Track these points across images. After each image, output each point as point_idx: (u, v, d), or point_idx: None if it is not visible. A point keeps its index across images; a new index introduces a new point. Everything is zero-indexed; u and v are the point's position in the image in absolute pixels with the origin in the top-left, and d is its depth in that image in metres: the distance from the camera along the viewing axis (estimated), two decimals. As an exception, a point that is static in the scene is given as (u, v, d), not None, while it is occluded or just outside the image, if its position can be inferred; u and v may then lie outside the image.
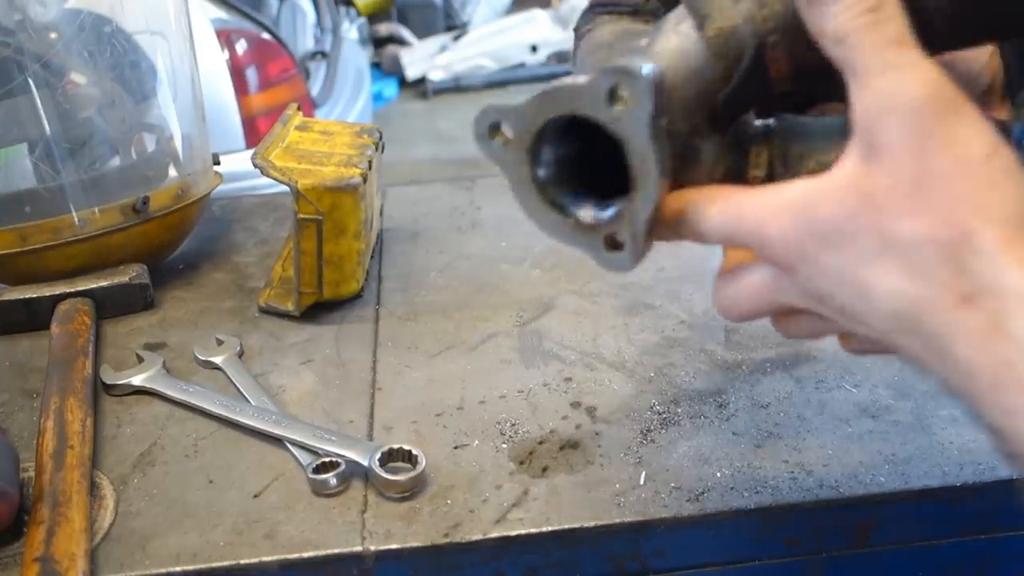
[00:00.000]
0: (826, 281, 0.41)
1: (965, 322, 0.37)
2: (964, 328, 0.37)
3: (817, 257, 0.41)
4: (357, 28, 4.41)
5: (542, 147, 0.47)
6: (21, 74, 0.90)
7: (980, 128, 0.37)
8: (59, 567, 0.55)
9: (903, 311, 0.39)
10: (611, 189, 0.47)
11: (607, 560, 0.62)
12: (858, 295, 0.40)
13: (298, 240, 0.85)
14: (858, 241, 0.39)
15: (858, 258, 0.39)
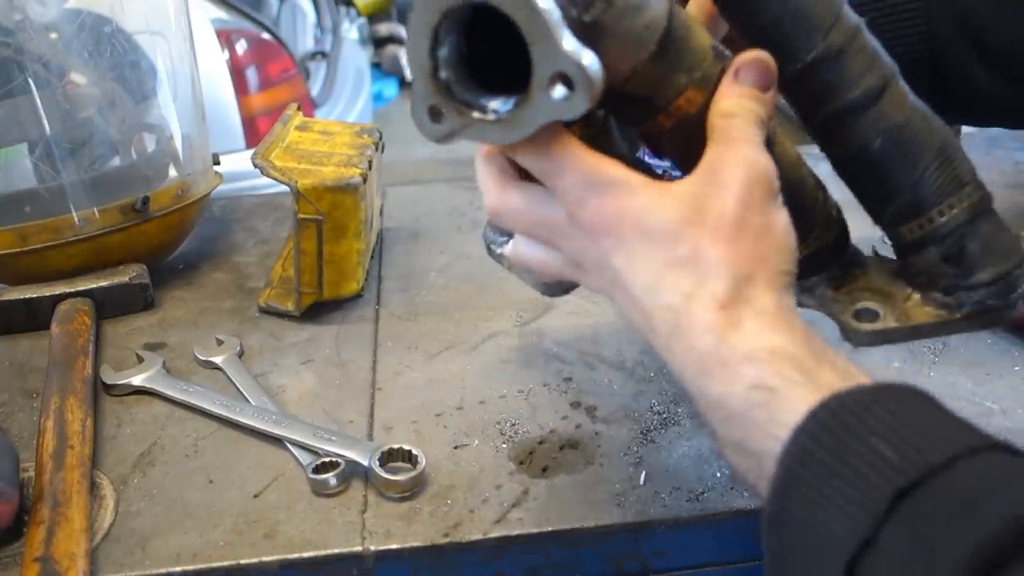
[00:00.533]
0: (618, 255, 0.47)
1: (713, 321, 0.44)
2: (708, 324, 0.44)
3: (625, 233, 0.47)
4: (357, 28, 4.41)
5: (441, 44, 0.47)
6: (21, 74, 0.90)
7: (786, 218, 0.49)
8: (59, 567, 0.55)
9: (674, 305, 0.46)
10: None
11: (607, 560, 0.62)
12: (645, 277, 0.47)
13: (298, 240, 0.85)
14: (672, 239, 0.46)
15: (664, 252, 0.46)
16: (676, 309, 0.45)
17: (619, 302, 0.50)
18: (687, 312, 0.45)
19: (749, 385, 0.42)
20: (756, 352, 0.43)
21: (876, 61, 0.55)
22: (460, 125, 0.48)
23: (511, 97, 0.47)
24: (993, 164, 1.24)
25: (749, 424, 0.42)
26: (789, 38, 0.54)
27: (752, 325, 0.44)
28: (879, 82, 0.54)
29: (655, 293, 0.46)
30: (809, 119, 0.57)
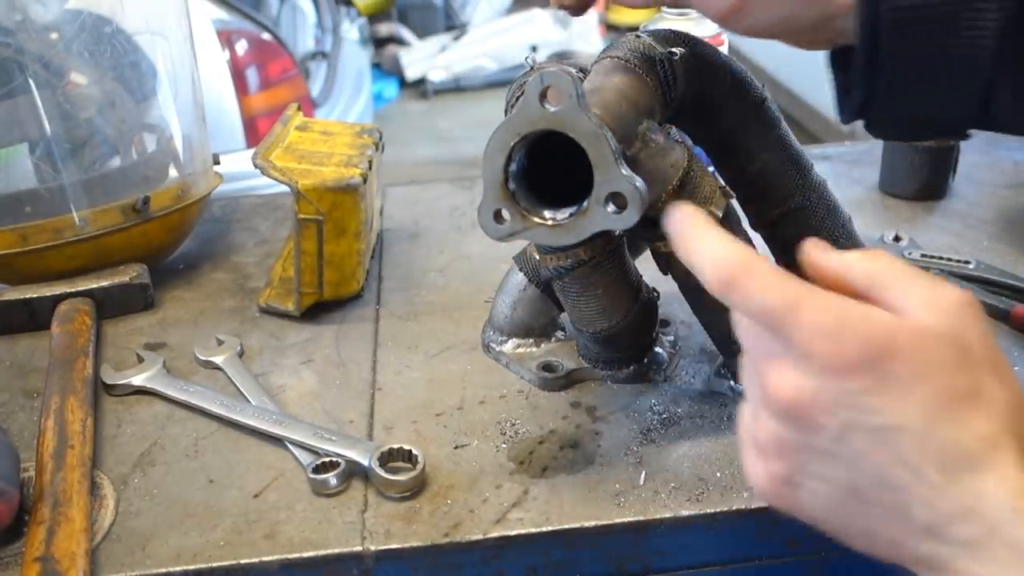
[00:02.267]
0: (880, 396, 0.39)
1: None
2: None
3: (888, 369, 0.39)
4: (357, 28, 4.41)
5: (512, 160, 0.57)
6: (21, 74, 0.90)
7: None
8: (59, 567, 0.55)
9: (986, 445, 0.39)
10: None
11: (607, 560, 0.62)
12: (918, 416, 0.39)
13: (298, 240, 0.85)
14: (951, 373, 0.39)
15: (942, 387, 0.39)
16: (975, 450, 0.39)
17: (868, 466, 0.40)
18: (991, 451, 0.38)
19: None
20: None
21: (835, 209, 0.70)
22: (521, 227, 0.59)
23: (565, 208, 0.58)
24: (993, 164, 1.24)
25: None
26: (771, 190, 0.66)
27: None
28: (839, 228, 0.68)
29: (940, 435, 0.39)
30: (781, 255, 0.68)
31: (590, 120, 0.54)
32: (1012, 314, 0.83)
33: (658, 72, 0.63)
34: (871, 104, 0.58)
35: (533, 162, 0.59)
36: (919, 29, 0.53)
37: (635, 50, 0.64)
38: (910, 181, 1.14)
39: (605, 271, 0.67)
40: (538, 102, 0.55)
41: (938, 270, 0.91)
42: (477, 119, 5.09)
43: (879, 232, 0.98)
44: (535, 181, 0.60)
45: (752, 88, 0.66)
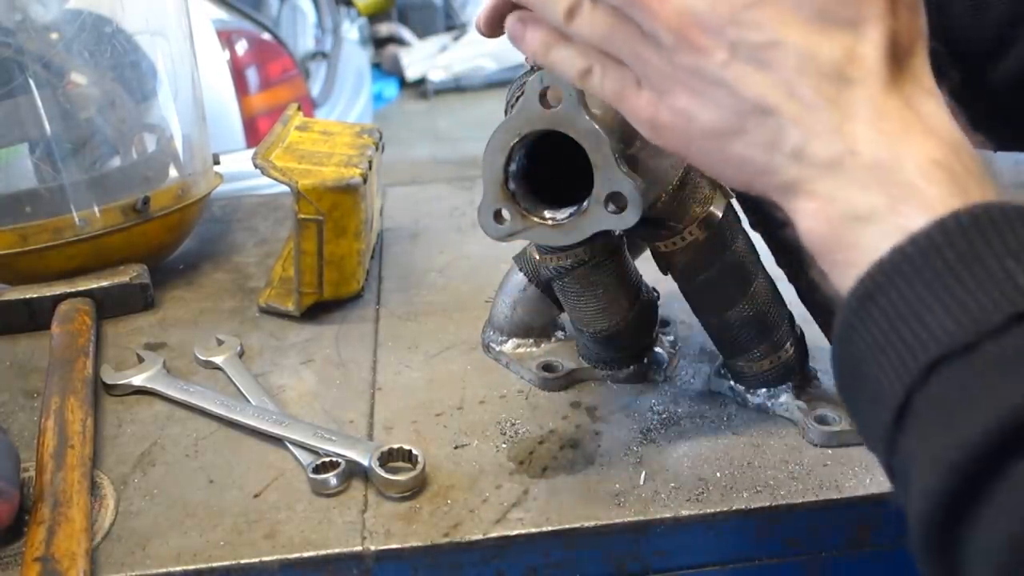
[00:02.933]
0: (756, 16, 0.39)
1: (887, 82, 0.39)
2: (883, 84, 0.39)
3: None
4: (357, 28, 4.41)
5: (512, 160, 0.58)
6: (22, 74, 0.90)
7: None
8: (60, 567, 0.55)
9: (837, 61, 0.39)
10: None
11: (607, 560, 0.62)
12: (795, 37, 0.39)
13: (298, 240, 0.85)
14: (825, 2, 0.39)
15: (811, 14, 0.39)
16: (842, 62, 0.39)
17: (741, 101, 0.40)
18: (864, 71, 0.39)
19: (932, 159, 0.37)
20: (942, 132, 0.38)
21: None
22: (522, 227, 0.59)
23: (566, 208, 0.58)
24: (993, 164, 1.24)
25: (908, 195, 0.37)
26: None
27: (934, 104, 0.39)
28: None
29: (814, 50, 0.39)
30: (781, 255, 0.70)
31: (590, 120, 0.54)
32: (1012, 314, 0.83)
33: None
34: None
35: (533, 162, 0.59)
36: None
37: None
38: (910, 181, 1.14)
39: (605, 271, 0.67)
40: (538, 102, 0.55)
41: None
42: (477, 119, 5.09)
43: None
44: (535, 181, 0.60)
45: None
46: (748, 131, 0.41)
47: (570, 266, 0.66)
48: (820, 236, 0.39)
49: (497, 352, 0.80)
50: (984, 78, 0.54)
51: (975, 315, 0.33)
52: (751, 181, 0.42)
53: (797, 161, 0.40)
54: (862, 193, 0.38)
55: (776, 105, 0.39)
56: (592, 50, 0.45)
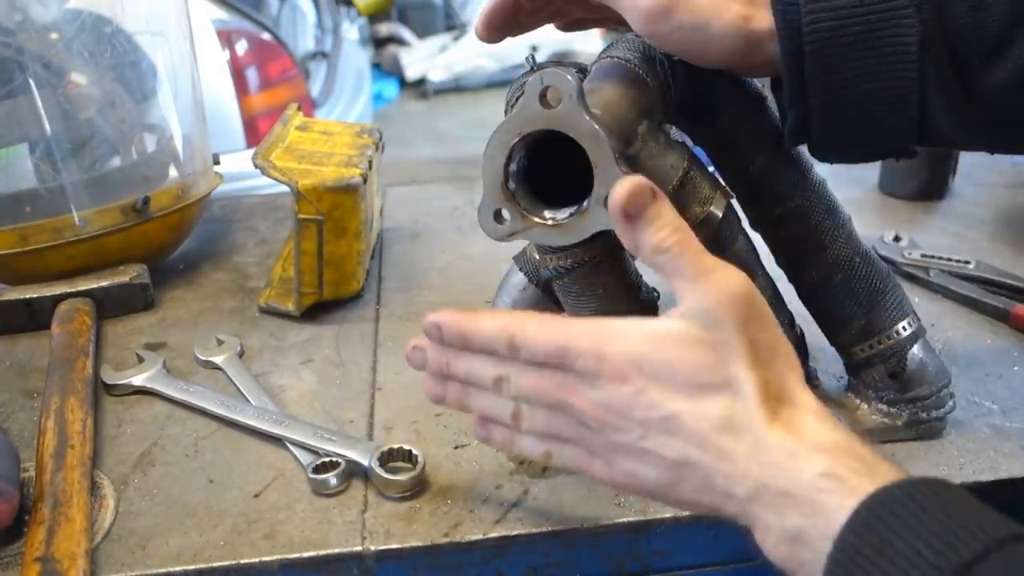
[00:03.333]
0: (641, 399, 0.47)
1: (770, 418, 0.46)
2: (766, 422, 0.46)
3: (652, 377, 0.47)
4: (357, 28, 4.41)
5: (512, 160, 0.58)
6: (22, 74, 0.90)
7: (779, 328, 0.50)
8: (60, 567, 0.55)
9: (723, 414, 0.46)
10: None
11: (607, 560, 0.62)
12: (682, 404, 0.46)
13: (298, 240, 0.85)
14: (697, 376, 0.46)
15: (690, 387, 0.46)
16: (727, 416, 0.46)
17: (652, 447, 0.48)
18: (741, 415, 0.46)
19: (819, 473, 0.43)
20: (824, 443, 0.44)
21: (835, 209, 0.68)
22: (521, 227, 0.59)
23: (565, 208, 0.58)
24: (993, 164, 1.24)
25: (816, 511, 0.43)
26: (770, 189, 0.66)
27: (811, 420, 0.46)
28: (839, 228, 0.67)
29: (697, 414, 0.46)
30: (781, 255, 0.70)
31: (590, 120, 0.54)
32: (1012, 314, 0.83)
33: (658, 72, 0.63)
34: (807, 128, 0.59)
35: (533, 162, 0.59)
36: (842, 50, 0.55)
37: (635, 50, 0.64)
38: (910, 181, 1.14)
39: (605, 271, 0.67)
40: (538, 102, 0.55)
41: (938, 270, 0.91)
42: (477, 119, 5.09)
43: (879, 232, 0.98)
44: (535, 181, 0.60)
45: (751, 87, 0.66)
46: (685, 480, 0.47)
47: (570, 266, 0.66)
48: (778, 559, 0.46)
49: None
50: (982, 80, 0.54)
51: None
52: (709, 513, 0.48)
53: (729, 499, 0.46)
54: (784, 518, 0.44)
55: (696, 459, 0.46)
56: (544, 436, 0.52)
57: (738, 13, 0.56)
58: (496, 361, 0.52)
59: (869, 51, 0.54)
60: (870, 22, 0.54)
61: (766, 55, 0.57)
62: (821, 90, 0.56)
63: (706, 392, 0.46)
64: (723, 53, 0.57)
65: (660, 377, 0.47)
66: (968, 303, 0.87)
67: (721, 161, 0.68)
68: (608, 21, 0.66)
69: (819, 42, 0.54)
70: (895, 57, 0.54)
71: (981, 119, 0.57)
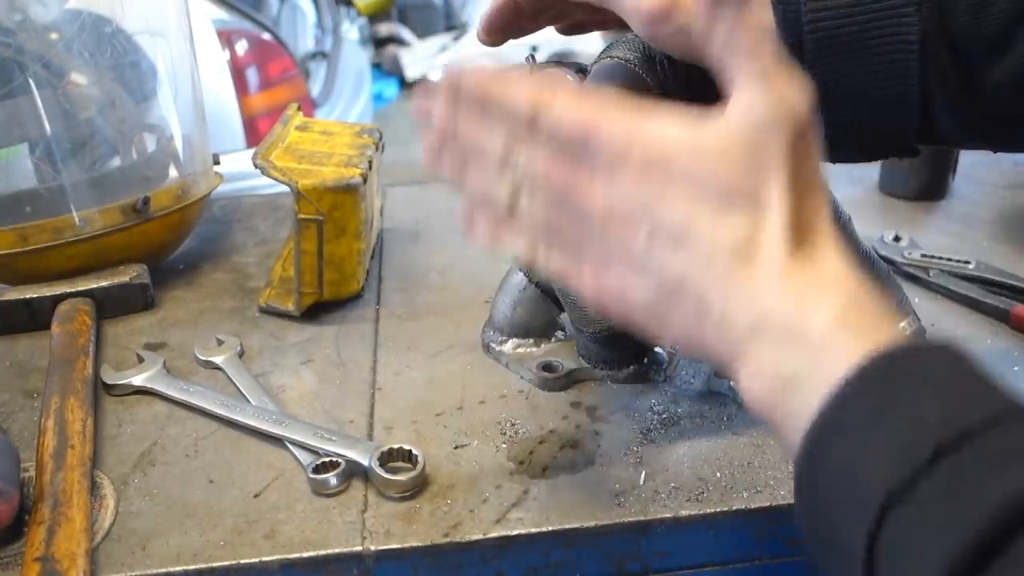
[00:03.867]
0: (665, 203, 0.43)
1: (791, 246, 0.42)
2: (787, 247, 0.42)
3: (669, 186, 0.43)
4: (357, 28, 4.41)
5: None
6: (22, 74, 0.90)
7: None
8: (60, 567, 0.55)
9: (740, 236, 0.42)
10: None
11: (607, 560, 0.62)
12: (701, 218, 0.43)
13: (298, 240, 0.85)
14: (726, 186, 0.43)
15: (715, 198, 0.43)
16: (747, 237, 0.42)
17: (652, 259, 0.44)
18: (762, 238, 0.42)
19: (833, 316, 0.40)
20: (842, 287, 0.42)
21: (835, 209, 0.66)
22: None
23: None
24: (993, 164, 1.24)
25: (819, 357, 0.40)
26: None
27: (834, 259, 0.43)
28: (840, 227, 0.65)
29: (716, 229, 0.42)
30: None
31: None
32: (1012, 314, 0.83)
33: (658, 72, 0.63)
34: None
35: None
36: (842, 49, 0.55)
37: (635, 50, 0.64)
38: (910, 181, 1.14)
39: None
40: None
41: (938, 270, 0.91)
42: (477, 119, 5.07)
43: (879, 232, 0.98)
44: None
45: None
46: (678, 303, 0.44)
47: None
48: (758, 399, 0.42)
49: (497, 352, 0.80)
50: (983, 79, 0.54)
51: (905, 456, 0.35)
52: (694, 348, 0.45)
53: (724, 329, 0.43)
54: (784, 356, 0.41)
55: (696, 280, 0.43)
56: (536, 231, 0.48)
57: None
58: (511, 133, 0.47)
59: (870, 50, 0.54)
60: (870, 21, 0.54)
61: None
62: (821, 90, 0.56)
63: (731, 207, 0.42)
64: None
65: (687, 181, 0.43)
66: (968, 303, 0.87)
67: None
68: (609, 23, 0.66)
69: (819, 41, 0.54)
70: (896, 56, 0.54)
71: (983, 118, 0.57)
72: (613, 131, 0.44)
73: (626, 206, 0.44)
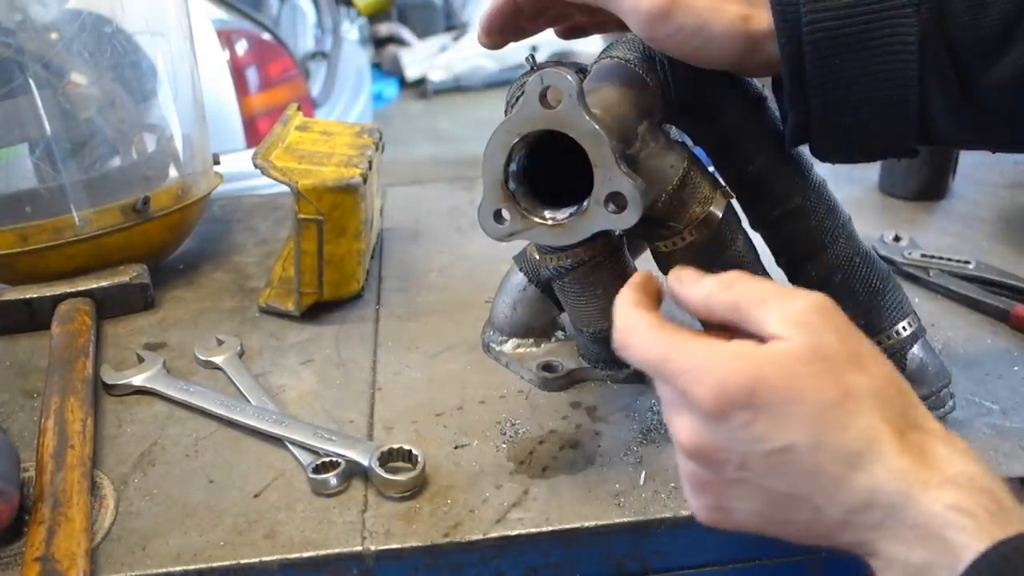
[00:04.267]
0: (761, 426, 0.43)
1: (900, 447, 0.42)
2: (898, 450, 0.42)
3: (764, 404, 0.43)
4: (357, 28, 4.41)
5: (512, 160, 0.58)
6: (22, 74, 0.90)
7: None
8: (60, 567, 0.55)
9: (850, 443, 0.42)
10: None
11: (607, 560, 0.62)
12: (805, 434, 0.43)
13: (298, 240, 0.85)
14: (815, 389, 0.43)
15: (814, 404, 0.43)
16: (859, 448, 0.42)
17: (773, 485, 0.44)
18: (872, 445, 0.42)
19: (950, 506, 0.40)
20: (957, 477, 0.41)
21: (835, 209, 0.67)
22: (522, 227, 0.59)
23: (565, 208, 0.58)
24: (993, 164, 1.24)
25: (945, 548, 0.40)
26: (770, 190, 0.66)
27: (943, 448, 0.43)
28: (839, 228, 0.67)
29: (824, 443, 0.42)
30: (781, 255, 0.69)
31: (590, 120, 0.54)
32: (1012, 314, 0.83)
33: (658, 72, 0.63)
34: (807, 128, 0.58)
35: (533, 162, 0.59)
36: (841, 50, 0.55)
37: (635, 50, 0.64)
38: (910, 181, 1.14)
39: (605, 271, 0.67)
40: (538, 102, 0.55)
41: (938, 270, 0.91)
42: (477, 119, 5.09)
43: (879, 232, 0.98)
44: (535, 181, 0.60)
45: (751, 88, 0.66)
46: (790, 513, 0.44)
47: (570, 266, 0.66)
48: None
49: (497, 352, 0.80)
50: (982, 80, 0.54)
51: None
52: (822, 544, 0.45)
53: (846, 529, 0.43)
54: (911, 552, 0.41)
55: (806, 493, 0.43)
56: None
57: (737, 14, 0.56)
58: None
59: (869, 51, 0.54)
60: (869, 22, 0.54)
61: (766, 55, 0.57)
62: (820, 90, 0.56)
63: (825, 416, 0.42)
64: (723, 54, 0.57)
65: (774, 404, 0.43)
66: (968, 303, 0.87)
67: (721, 161, 0.68)
68: (608, 25, 0.66)
69: (818, 42, 0.54)
70: (895, 57, 0.54)
71: (981, 119, 0.56)
72: (683, 361, 0.45)
73: (708, 439, 0.45)
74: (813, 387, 0.42)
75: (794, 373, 0.43)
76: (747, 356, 0.43)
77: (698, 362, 0.44)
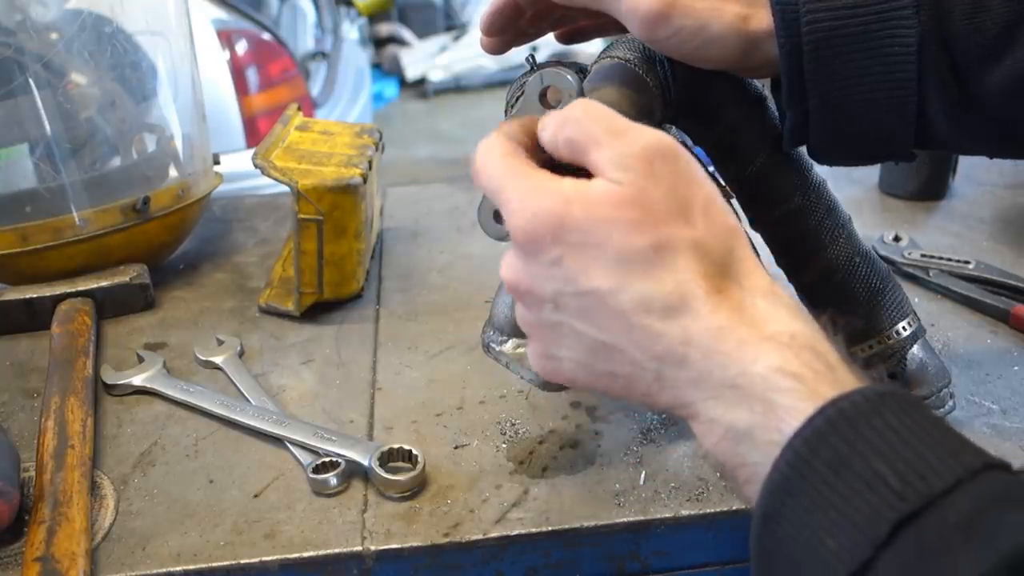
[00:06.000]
0: (581, 265, 0.42)
1: (717, 302, 0.41)
2: (713, 306, 0.41)
3: (586, 243, 0.42)
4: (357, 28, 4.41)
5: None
6: (22, 74, 0.90)
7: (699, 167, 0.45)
8: (60, 567, 0.55)
9: (666, 297, 0.41)
10: None
11: (607, 560, 0.62)
12: (616, 283, 0.42)
13: (298, 240, 0.85)
14: (624, 240, 0.41)
15: (628, 257, 0.42)
16: (669, 301, 0.41)
17: (597, 332, 0.44)
18: (684, 299, 0.41)
19: (773, 367, 0.39)
20: (779, 335, 0.40)
21: (835, 209, 0.67)
22: None
23: None
24: (993, 164, 1.24)
25: (767, 410, 0.38)
26: (770, 190, 0.65)
27: (765, 304, 0.41)
28: (839, 228, 0.66)
29: (629, 290, 0.41)
30: (781, 255, 0.68)
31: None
32: (1012, 314, 0.83)
33: (658, 72, 0.63)
34: (806, 129, 0.58)
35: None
36: (840, 51, 0.55)
37: (635, 50, 0.64)
38: (910, 181, 1.14)
39: None
40: (538, 102, 0.55)
41: (938, 270, 0.91)
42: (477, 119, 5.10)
43: (879, 232, 0.98)
44: None
45: (751, 88, 0.66)
46: (609, 365, 0.43)
47: None
48: (718, 454, 0.41)
49: (497, 352, 0.79)
50: (980, 83, 0.54)
51: (863, 529, 0.34)
52: (644, 404, 0.45)
53: (663, 388, 0.42)
54: (731, 413, 0.40)
55: (618, 343, 0.42)
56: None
57: (737, 14, 0.56)
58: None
59: (867, 52, 0.54)
60: (869, 23, 0.54)
61: (765, 56, 0.57)
62: (819, 91, 0.56)
63: (633, 264, 0.41)
64: (722, 54, 0.57)
65: (580, 244, 0.42)
66: (968, 303, 0.87)
67: (721, 161, 0.68)
68: (608, 28, 0.66)
69: (817, 42, 0.54)
70: (893, 58, 0.54)
71: (980, 122, 0.56)
72: (510, 198, 0.44)
73: (522, 275, 0.45)
74: (621, 233, 0.41)
75: (604, 216, 0.42)
76: (560, 192, 0.43)
77: (522, 194, 0.44)
